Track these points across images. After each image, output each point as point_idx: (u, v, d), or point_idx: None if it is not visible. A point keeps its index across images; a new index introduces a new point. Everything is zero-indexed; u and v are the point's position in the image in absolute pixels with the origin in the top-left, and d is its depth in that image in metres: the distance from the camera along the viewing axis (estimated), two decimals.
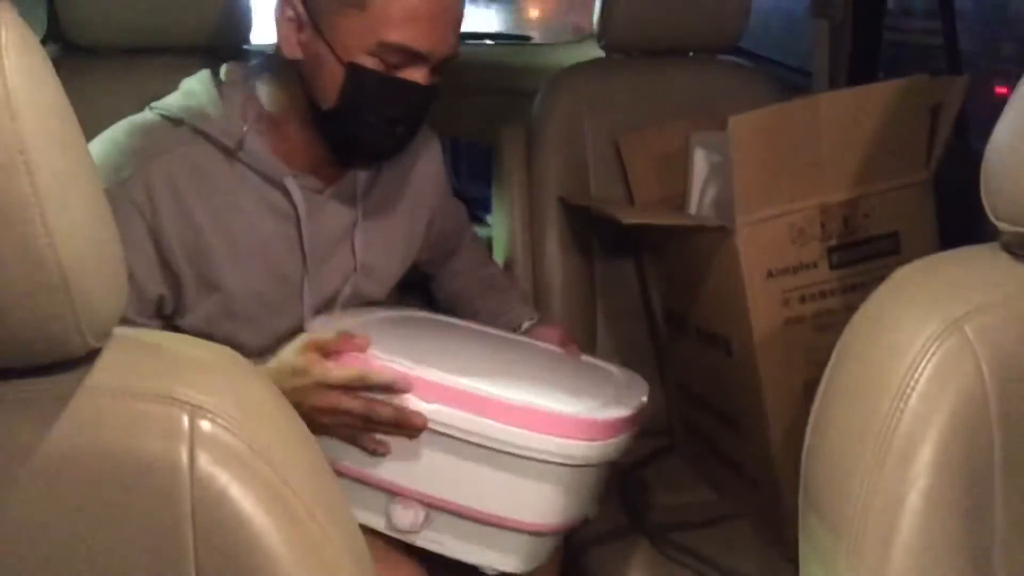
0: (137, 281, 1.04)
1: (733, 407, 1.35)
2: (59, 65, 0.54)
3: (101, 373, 0.59)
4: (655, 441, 1.55)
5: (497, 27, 3.84)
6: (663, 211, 1.50)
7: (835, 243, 1.24)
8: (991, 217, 0.69)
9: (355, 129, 1.05)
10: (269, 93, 1.09)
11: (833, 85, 1.78)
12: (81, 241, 0.53)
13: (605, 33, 1.59)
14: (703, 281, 1.32)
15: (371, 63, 1.00)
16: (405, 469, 0.99)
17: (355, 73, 1.01)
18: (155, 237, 1.04)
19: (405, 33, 0.98)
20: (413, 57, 1.01)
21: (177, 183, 1.04)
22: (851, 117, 1.22)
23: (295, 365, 0.97)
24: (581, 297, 1.56)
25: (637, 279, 1.59)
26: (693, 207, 1.42)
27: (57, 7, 1.34)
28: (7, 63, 0.50)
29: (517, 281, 1.52)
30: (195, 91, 1.09)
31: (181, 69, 1.31)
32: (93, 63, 1.37)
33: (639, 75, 1.61)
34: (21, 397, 0.58)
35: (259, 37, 1.48)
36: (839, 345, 0.73)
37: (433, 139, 1.31)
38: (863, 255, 1.26)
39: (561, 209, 1.54)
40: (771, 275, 1.22)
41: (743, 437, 1.34)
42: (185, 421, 0.58)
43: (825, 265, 1.24)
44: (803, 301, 1.24)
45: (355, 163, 1.14)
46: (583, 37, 2.49)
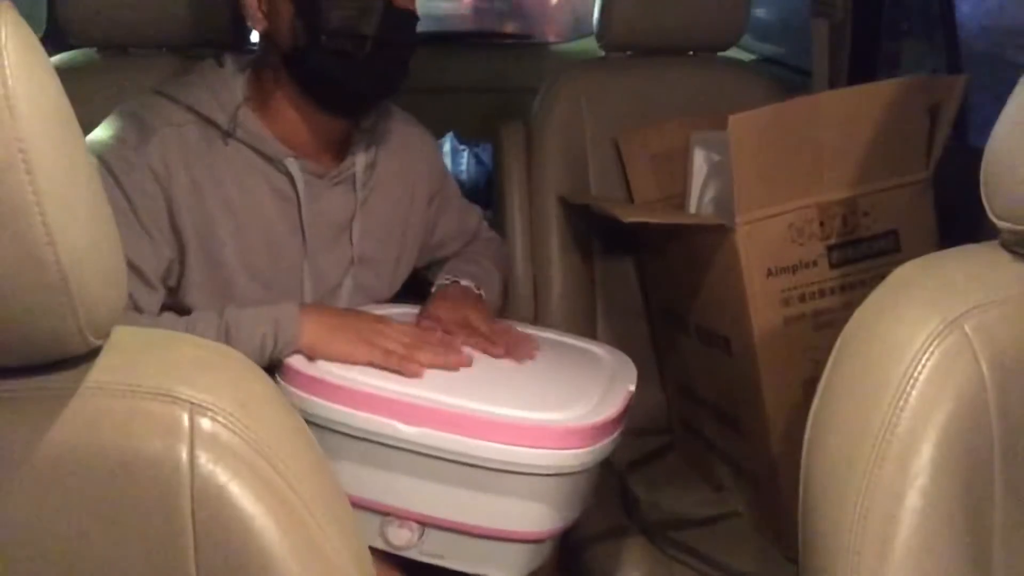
0: (153, 239, 1.05)
1: (733, 406, 1.35)
2: (59, 65, 0.54)
3: (101, 371, 0.59)
4: (655, 440, 1.55)
5: None
6: (663, 210, 1.50)
7: (834, 242, 1.24)
8: (990, 215, 0.69)
9: (322, 60, 1.05)
10: (258, 76, 1.12)
11: (833, 85, 1.78)
12: (81, 241, 0.53)
13: (604, 32, 1.59)
14: (703, 280, 1.32)
15: None
16: (397, 491, 0.99)
17: (303, 1, 1.04)
18: (168, 203, 1.06)
19: None
20: None
21: (187, 154, 1.06)
22: (850, 116, 1.23)
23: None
24: (581, 296, 1.56)
25: (637, 278, 1.59)
26: (693, 206, 1.42)
27: (57, 7, 1.35)
28: (7, 63, 0.50)
29: (502, 267, 1.44)
30: (198, 75, 1.11)
31: (181, 69, 1.31)
32: (93, 63, 1.37)
33: (639, 74, 1.61)
34: (21, 396, 0.58)
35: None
36: (839, 343, 0.73)
37: (429, 140, 1.32)
38: (862, 254, 1.26)
39: (561, 208, 1.54)
40: (771, 274, 1.22)
41: (743, 436, 1.34)
42: (185, 419, 0.58)
43: (825, 264, 1.24)
44: (803, 300, 1.24)
45: (349, 112, 1.14)
46: (582, 36, 2.49)
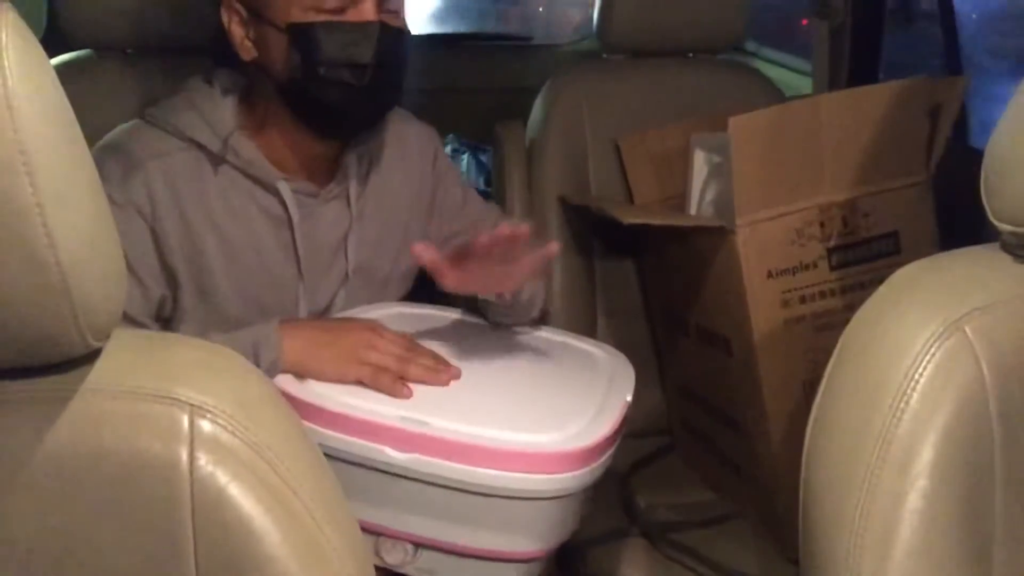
0: (141, 281, 1.04)
1: (733, 407, 1.35)
2: (59, 68, 0.54)
3: (101, 373, 0.59)
4: (655, 441, 1.55)
5: None
6: (663, 211, 1.50)
7: (835, 243, 1.24)
8: (991, 218, 0.69)
9: (321, 91, 1.03)
10: (249, 102, 1.10)
11: (833, 86, 1.78)
12: (81, 241, 0.53)
13: (604, 34, 1.59)
14: (703, 281, 1.32)
15: (311, 17, 1.00)
16: (388, 513, 0.97)
17: (296, 31, 1.00)
18: (156, 238, 1.04)
19: None
20: None
21: (175, 185, 1.04)
22: (851, 118, 1.23)
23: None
24: (581, 297, 1.56)
25: (637, 279, 1.59)
26: (693, 207, 1.42)
27: (57, 7, 1.34)
28: (7, 63, 0.50)
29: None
30: (186, 98, 1.09)
31: (181, 69, 1.30)
32: (93, 63, 1.37)
33: (639, 75, 1.61)
34: (21, 397, 0.58)
35: None
36: (839, 345, 0.73)
37: (426, 134, 1.28)
38: (863, 255, 1.26)
39: (561, 209, 1.54)
40: (771, 275, 1.22)
41: (743, 437, 1.34)
42: (185, 421, 0.58)
43: (825, 265, 1.24)
44: (803, 301, 1.24)
45: (347, 136, 1.12)
46: (583, 37, 2.49)
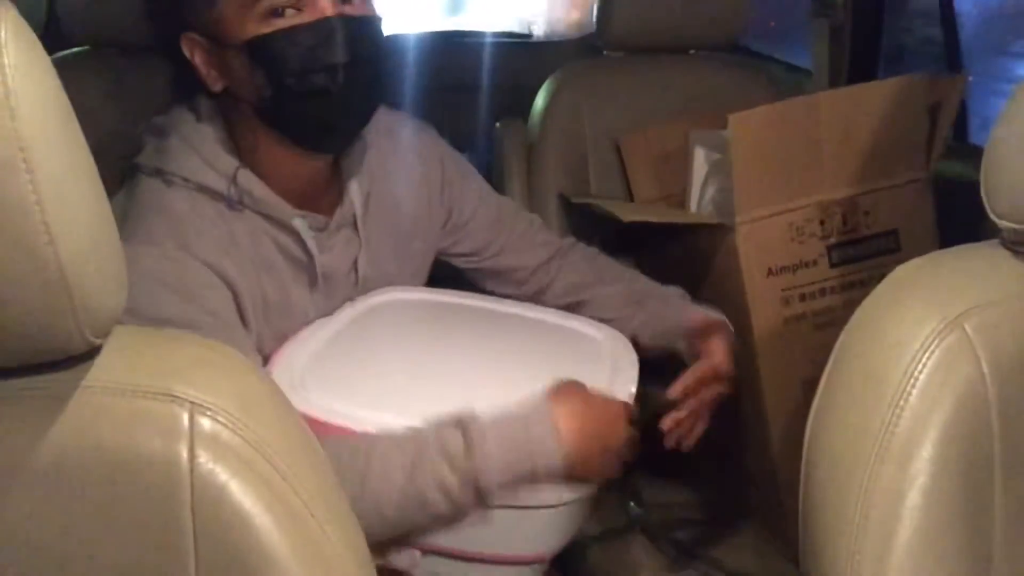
0: (248, 332, 1.00)
1: (733, 406, 1.35)
2: (59, 65, 0.54)
3: (101, 371, 0.59)
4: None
5: None
6: (663, 209, 1.50)
7: (835, 241, 1.24)
8: (991, 214, 0.69)
9: (297, 103, 0.96)
10: (233, 130, 1.03)
11: (833, 84, 1.78)
12: (81, 239, 0.53)
13: (604, 32, 1.59)
14: (703, 279, 1.32)
15: (265, 28, 0.94)
16: None
17: (255, 46, 0.94)
18: (231, 290, 0.99)
19: None
20: None
21: (212, 235, 0.98)
22: (851, 115, 1.23)
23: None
24: None
25: None
26: (693, 205, 1.42)
27: (57, 7, 1.34)
28: (7, 62, 0.50)
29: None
30: (180, 139, 1.02)
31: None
32: (93, 63, 1.37)
33: (639, 73, 1.61)
34: (21, 395, 0.58)
35: None
36: (839, 343, 0.73)
37: (424, 134, 1.23)
38: (863, 253, 1.26)
39: (561, 207, 1.54)
40: (771, 273, 1.22)
41: (743, 436, 1.34)
42: (185, 418, 0.58)
43: (825, 263, 1.24)
44: (803, 299, 1.24)
45: (338, 145, 1.07)
46: (583, 35, 2.49)
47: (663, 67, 1.62)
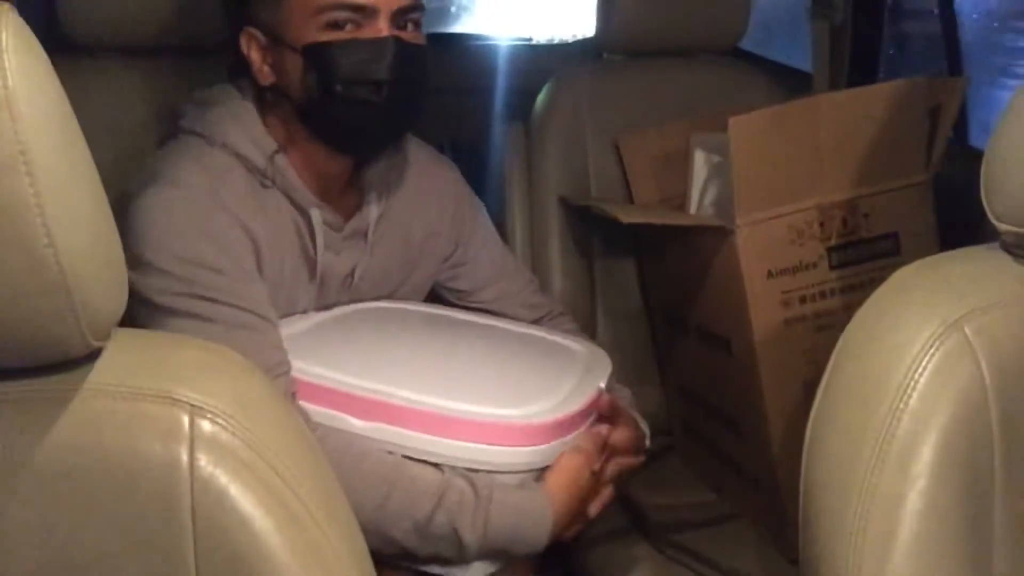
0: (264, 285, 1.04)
1: (733, 407, 1.35)
2: (59, 65, 0.54)
3: (101, 373, 0.59)
4: (655, 442, 1.54)
5: None
6: (663, 211, 1.50)
7: (835, 243, 1.24)
8: (991, 217, 0.69)
9: (339, 109, 1.03)
10: (269, 120, 1.08)
11: (833, 86, 1.78)
12: (81, 241, 0.53)
13: (603, 34, 1.59)
14: (703, 281, 1.32)
15: (325, 36, 1.00)
16: None
17: (312, 52, 1.01)
18: (255, 247, 1.04)
19: None
20: (360, 13, 1.00)
21: (243, 198, 1.03)
22: (851, 118, 1.22)
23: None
24: (581, 297, 1.56)
25: (637, 279, 1.59)
26: (693, 207, 1.42)
27: (57, 7, 1.34)
28: (7, 63, 0.50)
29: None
30: (222, 107, 1.07)
31: (181, 69, 1.30)
32: (93, 63, 1.37)
33: (639, 75, 1.61)
34: (21, 397, 0.58)
35: None
36: (839, 345, 0.73)
37: (448, 175, 1.28)
38: (863, 255, 1.26)
39: (561, 209, 1.54)
40: (771, 275, 1.22)
41: (743, 437, 1.34)
42: (185, 421, 0.58)
43: (825, 265, 1.24)
44: (803, 301, 1.24)
45: (367, 154, 1.12)
46: (583, 39, 2.49)
47: (663, 70, 1.62)
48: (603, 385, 1.08)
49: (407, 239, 1.20)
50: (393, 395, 0.97)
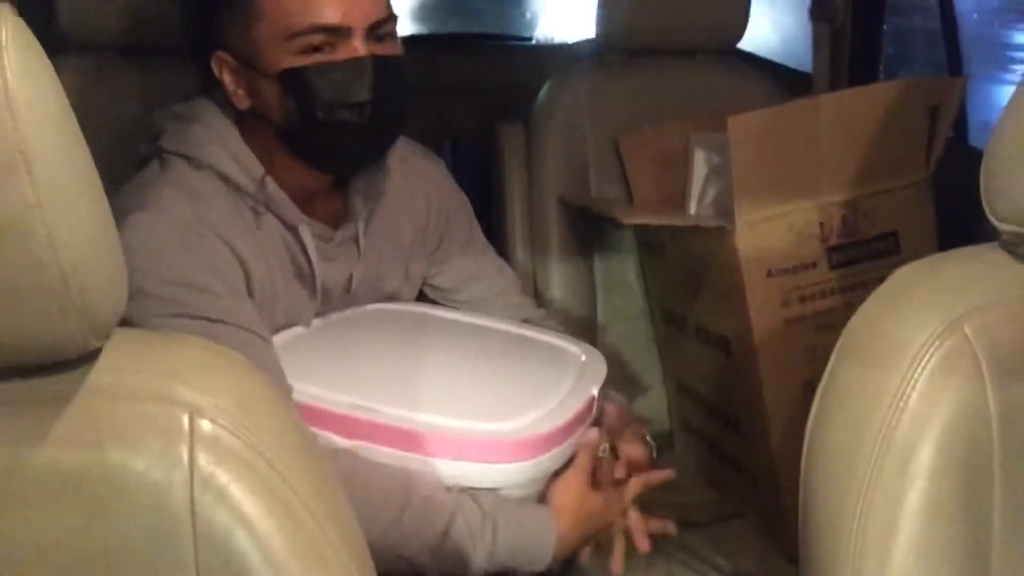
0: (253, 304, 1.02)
1: (733, 407, 1.35)
2: (59, 65, 0.54)
3: (101, 373, 0.59)
4: (655, 441, 1.55)
5: None
6: (663, 211, 1.50)
7: (834, 243, 1.24)
8: (990, 217, 0.69)
9: (322, 134, 1.01)
10: (249, 139, 1.05)
11: (833, 86, 1.78)
12: (81, 241, 0.53)
13: (604, 33, 1.59)
14: (703, 281, 1.32)
15: (300, 61, 0.97)
16: None
17: (288, 77, 0.98)
18: (244, 271, 1.02)
19: (307, 13, 0.96)
20: (333, 34, 0.97)
21: (230, 221, 1.01)
22: (850, 117, 1.23)
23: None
24: (581, 298, 1.56)
25: (637, 279, 1.59)
26: (693, 207, 1.42)
27: (57, 7, 1.34)
28: (7, 63, 0.50)
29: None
30: (206, 128, 1.04)
31: (181, 69, 1.30)
32: (93, 63, 1.37)
33: (639, 75, 1.61)
34: (21, 397, 0.58)
35: None
36: (839, 345, 0.73)
37: (433, 169, 1.26)
38: (862, 255, 1.26)
39: (561, 209, 1.54)
40: (771, 275, 1.22)
41: (743, 437, 1.34)
42: (185, 421, 0.57)
43: (825, 265, 1.24)
44: (803, 301, 1.24)
45: (350, 172, 1.11)
46: (583, 39, 2.49)
47: (663, 70, 1.62)
48: (596, 392, 1.06)
49: (398, 239, 1.19)
50: (376, 412, 0.95)
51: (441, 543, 0.94)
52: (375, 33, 1.00)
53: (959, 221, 1.05)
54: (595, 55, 1.66)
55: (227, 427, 0.58)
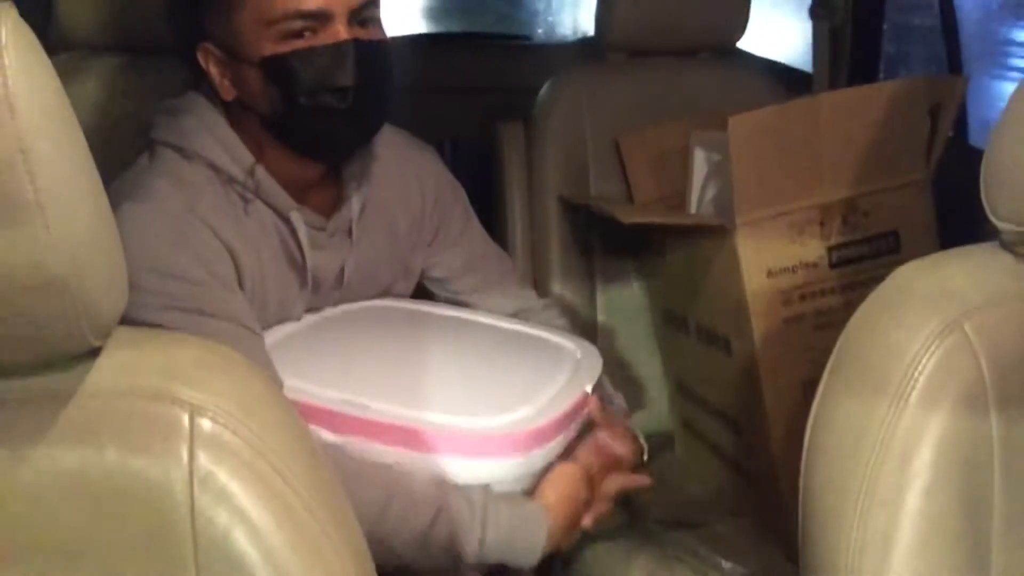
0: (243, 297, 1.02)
1: (733, 406, 1.35)
2: (59, 65, 0.54)
3: (101, 372, 0.59)
4: (655, 441, 1.55)
5: None
6: (663, 210, 1.50)
7: (835, 242, 1.24)
8: (991, 216, 0.69)
9: (306, 120, 1.01)
10: (237, 128, 1.05)
11: (833, 85, 1.78)
12: (81, 240, 0.53)
13: (604, 33, 1.59)
14: (703, 280, 1.32)
15: (282, 47, 0.97)
16: None
17: (270, 64, 0.98)
18: (234, 263, 1.02)
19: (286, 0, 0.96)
20: (314, 20, 0.97)
21: (221, 212, 1.01)
22: (851, 117, 1.23)
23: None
24: (581, 297, 1.56)
25: (637, 278, 1.59)
26: (693, 207, 1.42)
27: (57, 7, 1.34)
28: (7, 63, 0.50)
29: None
30: (196, 119, 1.05)
31: (181, 69, 1.30)
32: (93, 63, 1.37)
33: (639, 75, 1.61)
34: (21, 396, 0.58)
35: None
36: (839, 344, 0.73)
37: (426, 158, 1.26)
38: (863, 254, 1.26)
39: (561, 209, 1.54)
40: (771, 274, 1.22)
41: (743, 436, 1.34)
42: (185, 420, 0.58)
43: (825, 264, 1.24)
44: (803, 300, 1.24)
45: (336, 158, 1.10)
46: (582, 38, 2.49)
47: (663, 69, 1.61)
48: (589, 389, 1.06)
49: (393, 230, 1.19)
50: (366, 408, 0.95)
51: (427, 538, 0.94)
52: (358, 17, 0.99)
53: (959, 221, 1.05)
54: (595, 54, 1.66)
55: (227, 426, 0.58)
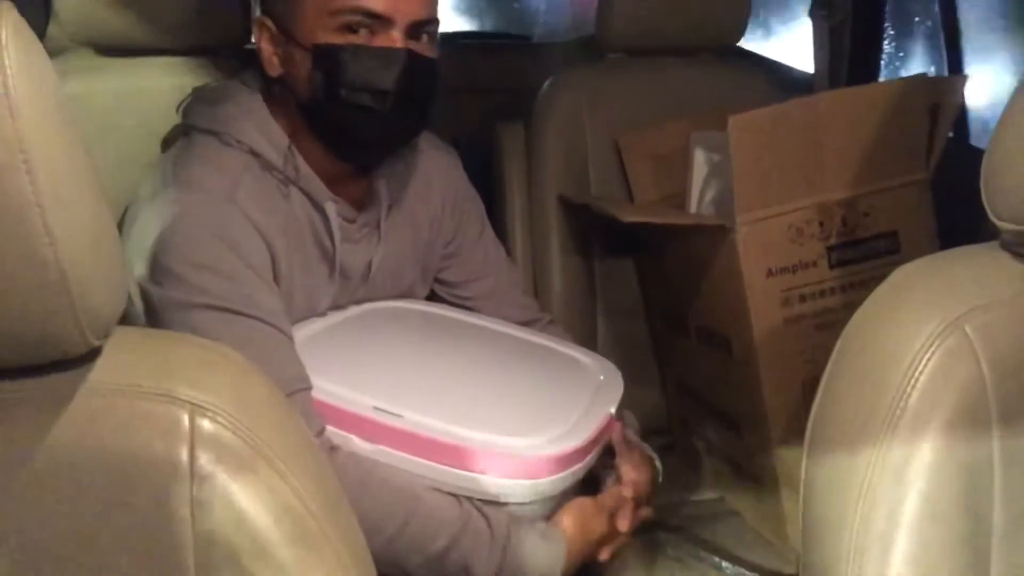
0: (278, 295, 1.02)
1: (733, 406, 1.35)
2: (59, 65, 0.54)
3: (101, 372, 0.59)
4: (655, 441, 1.54)
5: None
6: (663, 210, 1.50)
7: (834, 242, 1.24)
8: (991, 216, 0.69)
9: (341, 113, 1.02)
10: (275, 111, 1.07)
11: (833, 85, 1.78)
12: (81, 240, 0.53)
13: (604, 33, 1.59)
14: (703, 280, 1.32)
15: (337, 38, 0.99)
16: None
17: (321, 52, 1.00)
18: (271, 254, 1.03)
19: None
20: (375, 21, 0.99)
21: (260, 199, 1.02)
22: (851, 117, 1.23)
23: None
24: (581, 297, 1.56)
25: (637, 278, 1.59)
26: (693, 206, 1.42)
27: (57, 7, 1.34)
28: (7, 63, 0.50)
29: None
30: (232, 105, 1.06)
31: (181, 69, 1.30)
32: (93, 63, 1.37)
33: (639, 75, 1.61)
34: (21, 396, 0.58)
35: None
36: (839, 344, 0.73)
37: (450, 162, 1.27)
38: (862, 254, 1.26)
39: (561, 209, 1.54)
40: (771, 274, 1.22)
41: (743, 436, 1.34)
42: (185, 420, 0.58)
43: (825, 264, 1.24)
44: (803, 300, 1.24)
45: (363, 160, 1.11)
46: (582, 37, 2.49)
47: (663, 69, 1.62)
48: (613, 410, 1.06)
49: (415, 229, 1.20)
50: (400, 418, 0.95)
51: (442, 561, 0.94)
52: (416, 31, 1.02)
53: (959, 221, 1.05)
54: (595, 54, 1.66)
55: (227, 425, 0.58)
